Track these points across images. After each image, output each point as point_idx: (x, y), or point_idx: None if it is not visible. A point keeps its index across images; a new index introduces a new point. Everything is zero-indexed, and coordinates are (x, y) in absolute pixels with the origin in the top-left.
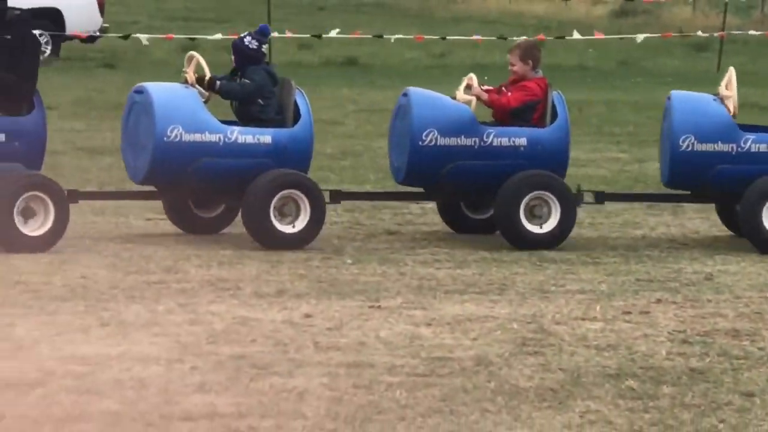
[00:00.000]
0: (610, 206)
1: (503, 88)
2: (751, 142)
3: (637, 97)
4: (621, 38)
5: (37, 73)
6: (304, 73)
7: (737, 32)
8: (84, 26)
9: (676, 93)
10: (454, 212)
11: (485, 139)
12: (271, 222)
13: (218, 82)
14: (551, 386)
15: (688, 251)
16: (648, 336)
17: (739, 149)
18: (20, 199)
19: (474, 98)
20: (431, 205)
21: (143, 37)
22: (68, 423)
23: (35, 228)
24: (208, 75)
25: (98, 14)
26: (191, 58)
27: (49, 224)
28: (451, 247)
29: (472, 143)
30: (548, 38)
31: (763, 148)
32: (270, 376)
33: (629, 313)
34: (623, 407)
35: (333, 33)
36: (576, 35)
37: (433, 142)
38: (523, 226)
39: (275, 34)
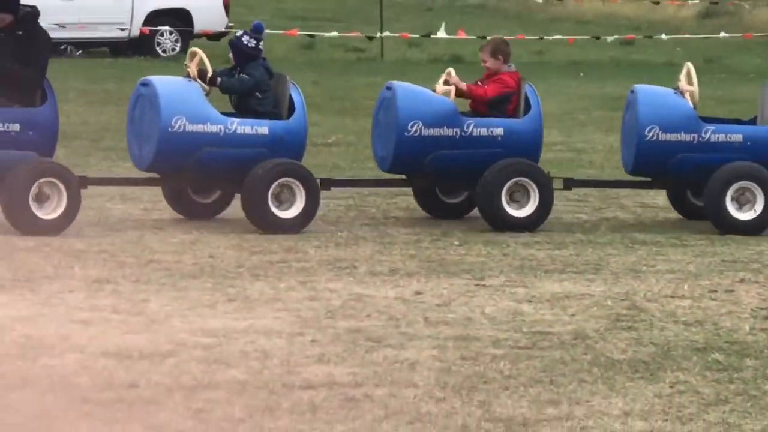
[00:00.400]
0: None
1: (479, 83)
2: (711, 133)
3: (721, 92)
4: (705, 38)
5: (46, 65)
6: (413, 69)
7: None
8: (211, 25)
9: (639, 87)
10: (429, 197)
11: (465, 129)
12: (269, 208)
13: (219, 78)
14: (643, 359)
15: None
16: (732, 313)
17: (701, 139)
18: (35, 184)
19: (453, 88)
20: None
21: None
22: (198, 391)
23: (49, 212)
24: (210, 70)
25: (224, 14)
26: (194, 54)
27: (61, 208)
28: (549, 230)
29: (454, 133)
30: (638, 37)
31: (722, 138)
32: (383, 349)
33: (715, 291)
34: (710, 378)
35: (440, 33)
36: (664, 35)
37: (417, 133)
38: (505, 211)
39: (387, 33)
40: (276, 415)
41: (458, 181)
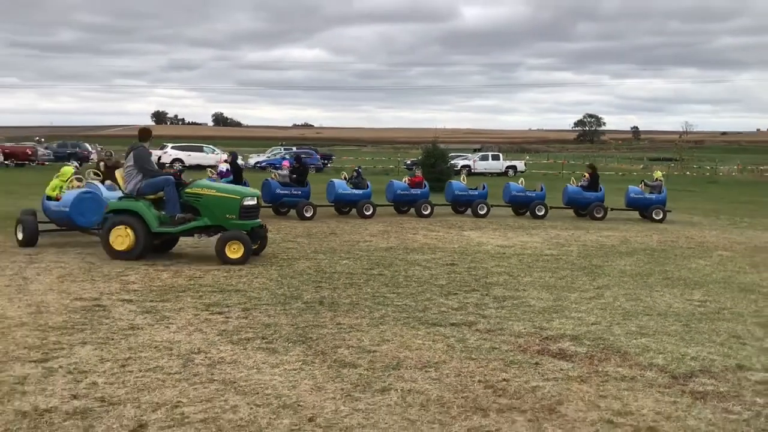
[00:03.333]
0: None
1: (414, 178)
2: (633, 194)
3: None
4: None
5: (308, 173)
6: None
7: None
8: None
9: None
10: (399, 209)
11: (410, 191)
12: (364, 214)
13: (352, 182)
14: (628, 251)
15: None
16: (651, 240)
17: (637, 196)
18: (304, 206)
19: (407, 181)
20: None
21: None
22: (514, 257)
23: (309, 215)
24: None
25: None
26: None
27: (311, 213)
28: (612, 218)
29: (408, 192)
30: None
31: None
32: (563, 247)
33: (647, 236)
34: (648, 256)
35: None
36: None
37: (399, 192)
38: (423, 213)
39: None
40: (539, 262)
41: (408, 206)
